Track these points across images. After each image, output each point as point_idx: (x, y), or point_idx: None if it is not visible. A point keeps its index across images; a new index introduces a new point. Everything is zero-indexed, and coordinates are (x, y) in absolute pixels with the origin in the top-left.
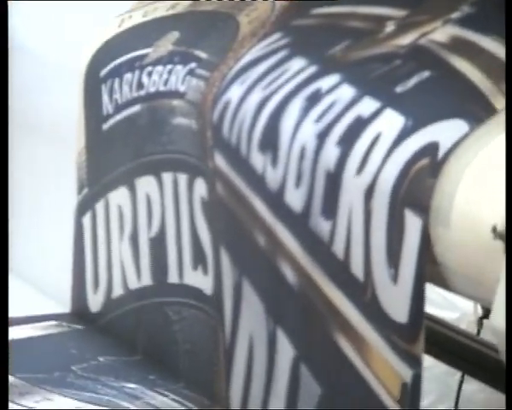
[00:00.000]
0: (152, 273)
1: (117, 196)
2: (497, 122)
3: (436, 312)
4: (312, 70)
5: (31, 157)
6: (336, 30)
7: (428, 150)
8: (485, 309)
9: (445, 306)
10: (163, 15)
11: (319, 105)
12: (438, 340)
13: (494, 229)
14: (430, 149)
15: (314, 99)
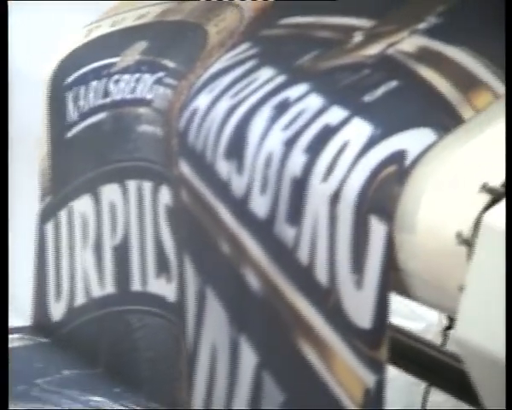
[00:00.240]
0: (115, 281)
1: (80, 204)
2: (464, 131)
3: (402, 322)
4: (281, 80)
5: None
6: (304, 40)
7: (396, 158)
8: (450, 320)
9: (411, 317)
10: (131, 25)
11: (287, 114)
12: (403, 351)
13: (459, 235)
14: (397, 157)
15: (282, 108)
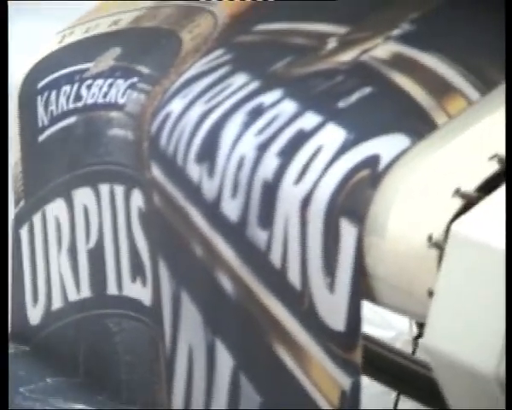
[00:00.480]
0: (91, 285)
1: (54, 208)
2: (438, 137)
3: (372, 331)
4: (255, 85)
5: None
6: (278, 46)
7: (369, 162)
8: (419, 328)
9: (381, 325)
10: (105, 32)
11: (261, 119)
12: (373, 359)
13: (430, 238)
14: (371, 162)
15: (256, 113)
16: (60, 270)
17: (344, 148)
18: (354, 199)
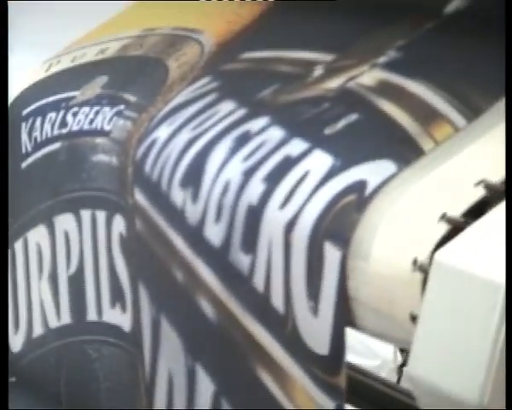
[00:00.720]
0: (71, 311)
1: (36, 235)
2: (425, 163)
3: (357, 360)
4: (241, 113)
5: None
6: (265, 74)
7: (355, 188)
8: (402, 353)
9: (366, 354)
10: (92, 60)
11: (248, 145)
12: (357, 388)
13: (415, 261)
14: (357, 187)
15: (243, 140)
16: (41, 296)
17: (330, 174)
18: (339, 223)
